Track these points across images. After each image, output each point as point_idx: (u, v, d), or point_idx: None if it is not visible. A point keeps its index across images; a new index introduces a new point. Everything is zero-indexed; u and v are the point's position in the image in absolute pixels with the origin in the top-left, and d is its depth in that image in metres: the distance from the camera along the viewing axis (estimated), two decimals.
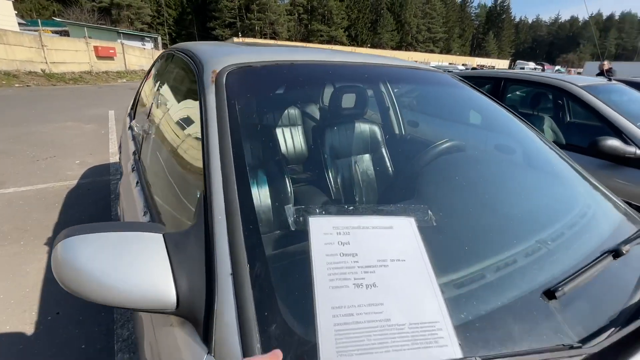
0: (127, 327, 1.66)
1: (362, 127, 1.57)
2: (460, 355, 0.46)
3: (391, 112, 1.87)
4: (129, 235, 0.58)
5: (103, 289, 0.52)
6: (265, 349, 0.47)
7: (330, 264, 0.53)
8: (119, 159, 2.29)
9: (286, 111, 1.44)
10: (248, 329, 0.48)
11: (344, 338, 0.46)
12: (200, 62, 0.98)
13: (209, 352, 0.50)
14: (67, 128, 5.87)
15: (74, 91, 11.47)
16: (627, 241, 0.78)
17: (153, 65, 1.95)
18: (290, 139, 1.63)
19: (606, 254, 0.71)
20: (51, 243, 2.33)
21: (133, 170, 1.25)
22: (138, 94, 2.14)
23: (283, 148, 1.41)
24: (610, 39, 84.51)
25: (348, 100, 1.42)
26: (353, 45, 58.26)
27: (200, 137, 0.75)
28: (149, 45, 26.96)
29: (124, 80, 16.89)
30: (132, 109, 2.22)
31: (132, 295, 0.53)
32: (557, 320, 0.56)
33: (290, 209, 0.59)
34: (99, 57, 16.64)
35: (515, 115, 1.32)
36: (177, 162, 0.95)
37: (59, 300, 1.80)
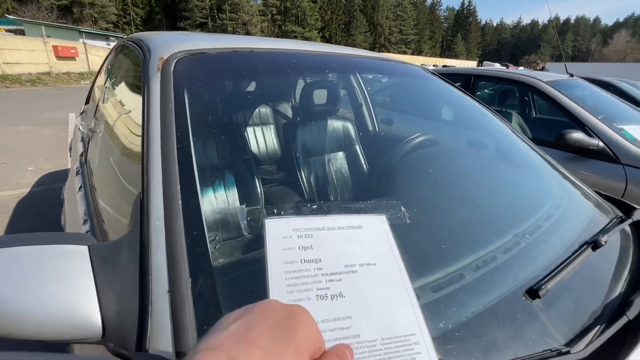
0: None
1: (335, 123, 1.51)
2: None
3: (364, 108, 1.82)
4: (45, 249, 0.47)
5: (4, 318, 0.42)
6: None
7: (289, 273, 0.45)
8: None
9: (246, 104, 1.34)
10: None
11: None
12: (148, 49, 0.87)
13: None
14: (21, 132, 5.43)
15: (32, 93, 10.70)
16: (604, 231, 0.75)
17: (106, 59, 1.79)
18: (253, 134, 1.53)
19: (585, 246, 0.68)
20: None
21: (78, 173, 1.11)
22: (90, 93, 1.96)
23: (241, 144, 1.31)
24: (568, 42, 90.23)
25: (318, 95, 1.35)
26: None
27: (141, 133, 0.65)
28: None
29: (87, 82, 15.98)
30: (83, 110, 2.04)
31: (44, 323, 0.43)
32: (542, 321, 0.51)
33: (242, 210, 0.51)
34: (59, 58, 15.64)
35: (487, 107, 1.30)
36: (120, 162, 0.84)
37: None
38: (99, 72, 1.95)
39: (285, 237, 0.49)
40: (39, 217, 2.66)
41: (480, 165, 1.13)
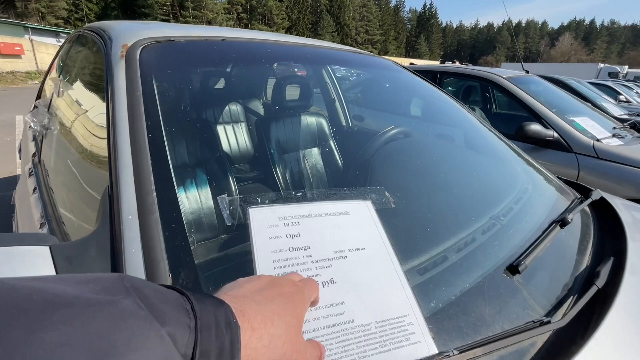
0: None
1: (309, 118, 1.50)
2: (435, 351, 0.40)
3: (337, 103, 1.82)
4: (2, 252, 0.41)
5: None
6: None
7: (277, 262, 0.43)
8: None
9: (217, 95, 1.29)
10: None
11: None
12: (110, 37, 0.81)
13: None
14: None
15: None
16: (568, 211, 0.80)
17: (58, 52, 1.64)
18: (223, 130, 1.48)
19: (554, 224, 0.72)
20: None
21: (31, 174, 1.01)
22: (41, 88, 1.80)
23: (215, 134, 1.26)
24: (520, 43, 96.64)
25: (291, 91, 1.33)
26: None
27: (106, 123, 0.60)
28: None
29: (36, 82, 14.74)
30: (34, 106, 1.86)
31: None
32: (523, 295, 0.53)
33: (224, 200, 0.48)
34: (2, 56, 14.29)
35: (456, 99, 1.35)
36: (82, 159, 0.77)
37: None
38: (51, 65, 1.78)
39: (271, 225, 0.47)
40: None
41: (453, 154, 1.17)
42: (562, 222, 0.73)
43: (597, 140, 2.15)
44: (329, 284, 0.43)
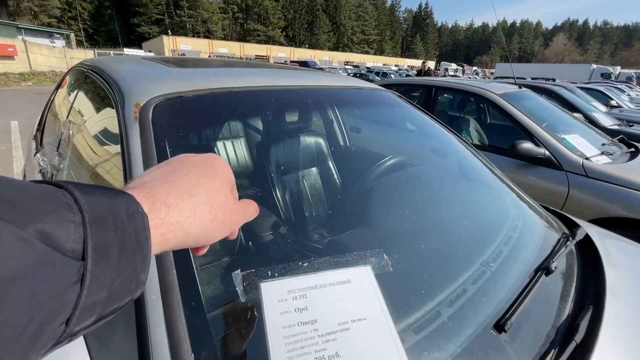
0: None
1: (308, 140, 1.54)
2: None
3: (335, 124, 1.88)
4: None
5: None
6: None
7: (287, 338, 0.48)
8: None
9: (224, 146, 1.34)
10: None
11: None
12: (120, 91, 0.85)
13: None
14: None
15: None
16: (553, 255, 0.86)
17: (61, 82, 1.67)
18: (235, 169, 1.53)
19: (540, 272, 0.78)
20: None
21: None
22: (44, 115, 1.82)
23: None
24: (514, 43, 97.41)
25: (292, 118, 1.38)
26: (291, 45, 58.27)
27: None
28: (60, 43, 23.68)
29: (30, 84, 14.61)
30: (37, 130, 1.89)
31: None
32: (508, 354, 0.59)
33: (237, 276, 0.53)
34: None
35: (453, 132, 1.40)
36: None
37: None
38: (52, 96, 1.81)
39: (281, 300, 0.52)
40: None
41: (447, 189, 1.23)
42: (547, 270, 0.78)
43: (587, 158, 2.22)
44: (334, 358, 0.48)
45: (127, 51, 28.77)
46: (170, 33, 44.31)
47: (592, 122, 3.98)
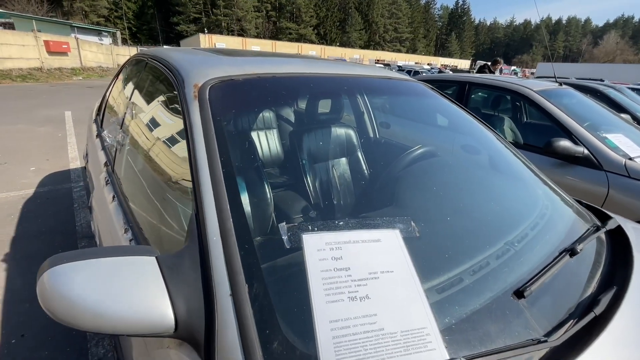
0: (101, 344, 1.59)
1: (339, 131, 1.62)
2: (447, 356, 0.51)
3: (365, 116, 1.93)
4: (121, 260, 0.57)
5: (98, 317, 0.52)
6: None
7: (325, 280, 0.56)
8: (85, 167, 2.16)
9: (268, 123, 1.44)
10: (251, 348, 0.50)
11: (343, 349, 0.50)
12: (180, 74, 0.97)
13: None
14: (18, 131, 5.42)
15: (23, 90, 10.56)
16: (580, 240, 0.88)
17: (120, 71, 1.86)
18: (275, 148, 1.63)
19: (564, 253, 0.80)
20: (8, 260, 2.17)
21: (107, 183, 1.20)
22: (104, 100, 2.03)
23: (271, 161, 1.41)
24: (559, 42, 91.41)
25: (326, 107, 1.46)
26: (322, 43, 58.39)
27: (186, 154, 0.75)
28: (107, 40, 25.37)
29: (80, 78, 15.79)
30: (97, 115, 2.11)
31: (129, 321, 0.53)
32: (526, 317, 0.63)
33: (284, 227, 0.62)
34: (51, 53, 15.42)
35: (481, 121, 1.42)
36: (161, 179, 0.93)
37: (23, 321, 1.68)
38: (112, 83, 2.02)
39: (320, 249, 0.60)
40: (46, 217, 2.73)
41: (477, 177, 1.25)
42: (571, 251, 0.81)
43: (630, 158, 2.12)
44: (365, 299, 0.55)
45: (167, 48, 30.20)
46: (206, 31, 45.95)
47: None
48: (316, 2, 62.99)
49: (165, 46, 33.51)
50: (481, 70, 6.99)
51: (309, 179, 1.33)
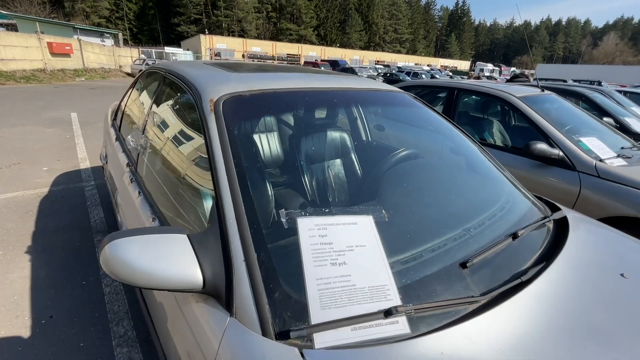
0: (122, 324, 1.78)
1: (333, 135, 1.82)
2: (400, 303, 0.71)
3: (357, 122, 2.14)
4: (163, 236, 0.77)
5: (148, 276, 0.72)
6: (272, 310, 0.69)
7: (314, 250, 0.76)
8: (104, 167, 2.36)
9: (271, 131, 1.65)
10: (259, 297, 0.70)
11: (325, 298, 0.70)
12: (197, 90, 1.17)
13: (232, 315, 0.71)
14: (27, 132, 5.62)
15: (28, 91, 10.77)
16: (525, 227, 1.08)
17: (136, 81, 2.06)
18: (277, 151, 1.85)
19: (507, 237, 1.00)
20: (32, 251, 2.37)
21: (132, 181, 1.40)
22: (121, 107, 2.24)
23: (273, 162, 1.62)
24: (559, 43, 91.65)
25: (321, 115, 1.66)
26: (322, 44, 58.61)
27: (204, 156, 0.95)
28: (109, 41, 25.61)
29: (83, 79, 16.01)
30: (114, 120, 2.31)
31: (170, 279, 0.73)
32: (467, 282, 0.83)
33: (283, 212, 0.82)
34: (54, 54, 15.65)
35: (458, 127, 1.62)
36: (183, 176, 1.14)
37: (50, 304, 1.88)
38: (128, 93, 2.23)
39: (311, 229, 0.80)
40: (62, 214, 2.93)
41: (450, 175, 1.46)
42: (514, 235, 1.01)
43: (600, 160, 2.32)
44: (343, 264, 0.75)
45: (168, 49, 30.48)
46: (207, 32, 46.20)
47: (622, 126, 3.93)
48: (316, 3, 63.26)
49: (166, 47, 33.74)
50: (515, 78, 6.81)
51: (305, 175, 1.53)
